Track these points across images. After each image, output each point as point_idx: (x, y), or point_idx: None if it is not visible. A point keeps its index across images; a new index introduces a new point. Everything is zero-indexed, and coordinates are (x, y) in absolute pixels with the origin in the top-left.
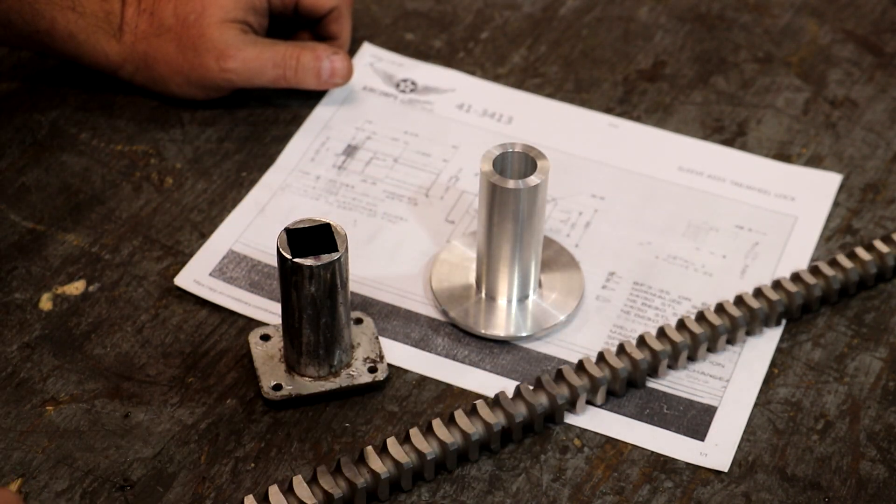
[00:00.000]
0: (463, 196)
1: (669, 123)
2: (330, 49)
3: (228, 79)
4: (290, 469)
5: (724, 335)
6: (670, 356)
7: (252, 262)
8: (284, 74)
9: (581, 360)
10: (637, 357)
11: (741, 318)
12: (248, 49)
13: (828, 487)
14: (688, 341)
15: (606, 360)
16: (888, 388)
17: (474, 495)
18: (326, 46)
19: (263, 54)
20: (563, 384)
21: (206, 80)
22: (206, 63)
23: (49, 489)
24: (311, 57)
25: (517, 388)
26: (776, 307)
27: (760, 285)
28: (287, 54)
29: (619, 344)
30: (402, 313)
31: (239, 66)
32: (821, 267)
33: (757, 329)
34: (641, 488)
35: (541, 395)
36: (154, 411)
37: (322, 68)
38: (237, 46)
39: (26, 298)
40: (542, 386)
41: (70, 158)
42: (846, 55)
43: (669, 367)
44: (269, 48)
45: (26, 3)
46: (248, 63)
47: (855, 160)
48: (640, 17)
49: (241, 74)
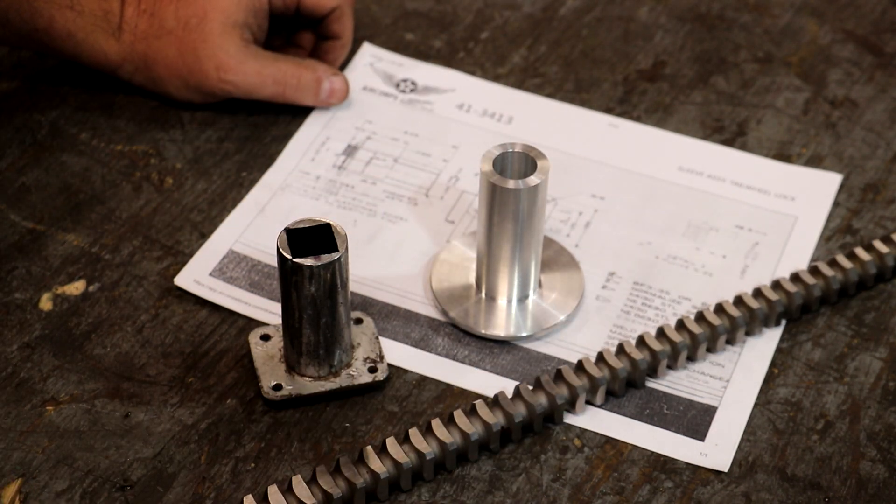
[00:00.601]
0: (463, 196)
1: (669, 123)
2: (330, 70)
3: (226, 90)
4: (290, 469)
5: (723, 335)
6: (669, 356)
7: (252, 261)
8: (284, 92)
9: (580, 360)
10: (636, 357)
11: (740, 318)
12: (250, 63)
13: (828, 487)
14: (687, 341)
15: (606, 360)
16: (888, 388)
17: (474, 495)
18: (327, 67)
19: (264, 70)
20: (562, 384)
21: (204, 86)
22: (205, 70)
23: (49, 489)
24: (311, 77)
25: (516, 388)
26: (775, 307)
27: (760, 285)
28: (288, 72)
29: (619, 344)
30: (402, 313)
31: (239, 80)
32: (820, 267)
33: (756, 329)
34: (641, 488)
35: (540, 395)
36: (154, 411)
37: (322, 89)
38: (238, 59)
39: (26, 298)
40: (542, 386)
41: (70, 158)
42: (846, 55)
43: (669, 368)
44: (270, 64)
45: (25, 1)
46: (249, 77)
47: (855, 160)
48: (640, 17)
49: (239, 87)
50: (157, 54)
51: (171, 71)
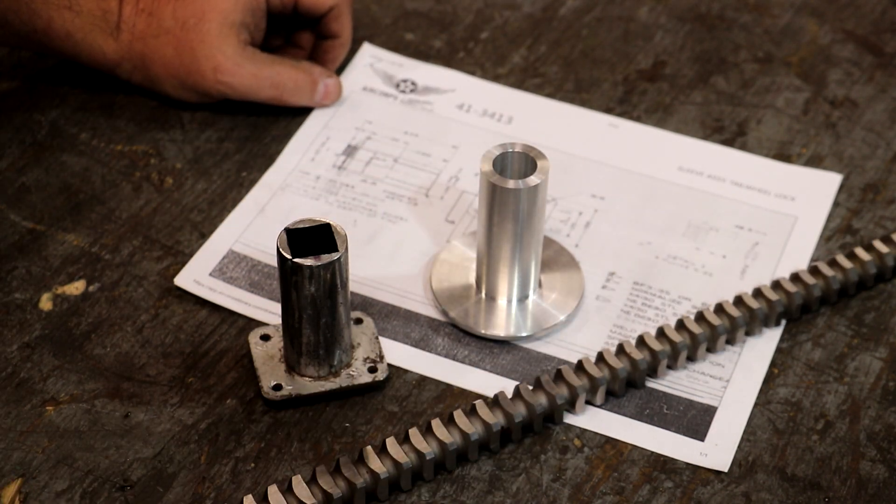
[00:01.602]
0: (463, 196)
1: (669, 123)
2: (325, 72)
3: (223, 91)
4: (290, 469)
5: (723, 335)
6: (669, 356)
7: (252, 262)
8: (281, 95)
9: (580, 360)
10: (636, 357)
11: (740, 318)
12: (247, 66)
13: (828, 487)
14: (687, 341)
15: (605, 360)
16: (888, 388)
17: (474, 495)
18: (322, 69)
19: (261, 73)
20: (562, 384)
21: (201, 87)
22: (202, 71)
23: (49, 489)
24: (307, 80)
25: (516, 388)
26: (775, 307)
27: (760, 285)
28: (284, 75)
29: (619, 344)
30: (402, 313)
31: (235, 82)
32: (820, 267)
33: (756, 329)
34: (641, 488)
35: (540, 395)
36: (154, 411)
37: (317, 90)
38: (235, 61)
39: (26, 298)
40: (542, 386)
41: (70, 158)
42: (846, 55)
43: (669, 368)
44: (266, 67)
45: (23, 2)
46: (245, 80)
47: (855, 160)
48: (640, 17)
49: (236, 90)
50: (155, 54)
51: (169, 70)
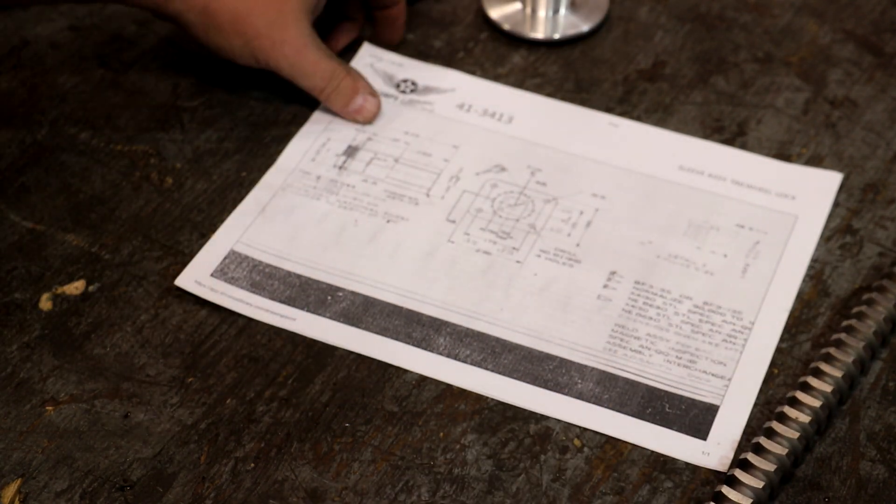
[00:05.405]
0: (464, 196)
1: (669, 123)
2: (369, 87)
3: (279, 66)
4: (290, 469)
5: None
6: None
7: (253, 262)
8: (324, 90)
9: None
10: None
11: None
12: (311, 52)
13: (828, 487)
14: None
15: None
16: (888, 388)
17: (474, 495)
18: (367, 85)
19: (321, 63)
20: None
21: (261, 53)
22: (274, 40)
23: (49, 489)
24: (350, 86)
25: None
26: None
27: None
28: (335, 73)
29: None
30: (404, 313)
31: (296, 62)
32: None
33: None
34: (641, 488)
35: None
36: (154, 411)
37: (354, 100)
38: (304, 42)
39: (26, 298)
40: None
41: (70, 158)
42: (846, 55)
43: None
44: (325, 60)
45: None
46: (304, 65)
47: (855, 160)
48: (640, 17)
49: (293, 68)
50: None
51: (236, 28)
